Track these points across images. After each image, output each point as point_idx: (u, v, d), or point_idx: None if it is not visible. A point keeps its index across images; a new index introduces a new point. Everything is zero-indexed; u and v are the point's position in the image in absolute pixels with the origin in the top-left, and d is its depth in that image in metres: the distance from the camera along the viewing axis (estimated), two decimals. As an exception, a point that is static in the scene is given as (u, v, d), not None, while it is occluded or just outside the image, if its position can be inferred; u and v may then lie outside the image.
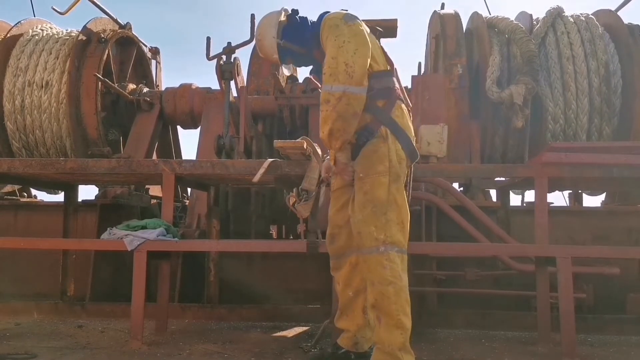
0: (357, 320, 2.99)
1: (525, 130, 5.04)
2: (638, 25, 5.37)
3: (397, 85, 2.94)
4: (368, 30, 2.90)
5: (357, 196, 2.78)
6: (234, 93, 5.24)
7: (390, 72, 2.93)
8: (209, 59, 4.92)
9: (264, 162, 3.55)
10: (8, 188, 5.74)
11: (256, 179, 3.50)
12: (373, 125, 2.81)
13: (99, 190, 5.32)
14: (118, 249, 3.53)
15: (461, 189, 5.07)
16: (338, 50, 2.73)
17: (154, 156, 6.03)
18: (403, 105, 2.92)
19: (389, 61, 2.96)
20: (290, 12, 3.10)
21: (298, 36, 3.04)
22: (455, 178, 4.62)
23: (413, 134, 2.94)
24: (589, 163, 3.59)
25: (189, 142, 13.67)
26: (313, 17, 3.08)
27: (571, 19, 5.36)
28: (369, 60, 2.78)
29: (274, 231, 5.76)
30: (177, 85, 6.11)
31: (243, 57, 8.53)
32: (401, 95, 2.94)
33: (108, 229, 3.70)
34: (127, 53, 6.30)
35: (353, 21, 2.83)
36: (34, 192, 6.24)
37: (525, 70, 4.95)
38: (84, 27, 5.70)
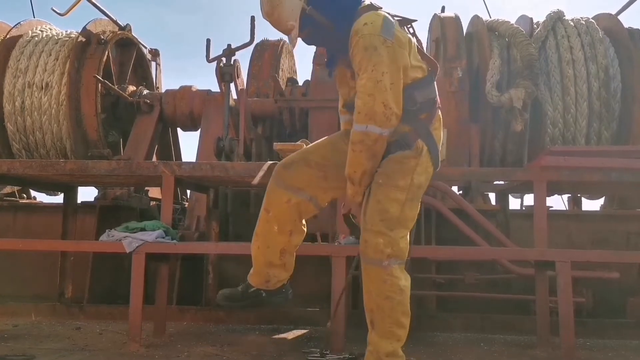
0: (270, 256, 2.87)
1: (524, 134, 5.03)
2: (638, 29, 5.37)
3: (436, 89, 2.78)
4: (405, 35, 2.70)
5: (370, 200, 2.66)
6: (234, 95, 5.24)
7: (432, 75, 2.75)
8: (209, 61, 4.92)
9: (263, 165, 3.55)
10: (7, 189, 5.74)
11: (256, 181, 3.50)
12: (410, 136, 2.67)
13: (98, 191, 5.32)
14: (116, 251, 3.52)
15: (460, 192, 5.07)
16: (375, 86, 2.52)
17: (154, 158, 6.03)
18: (440, 113, 2.81)
19: (427, 60, 2.76)
20: None
21: (327, 6, 2.69)
22: (454, 181, 4.61)
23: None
24: (587, 167, 3.59)
25: (188, 144, 13.63)
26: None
27: (571, 23, 5.36)
28: (401, 85, 2.60)
29: (273, 234, 5.74)
30: (177, 87, 6.11)
31: (243, 59, 8.50)
32: (439, 101, 2.80)
33: (107, 230, 3.70)
34: (127, 55, 6.30)
35: (391, 35, 2.58)
36: (33, 193, 6.24)
37: (525, 74, 4.94)
38: (84, 28, 5.69)
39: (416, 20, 2.89)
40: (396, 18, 2.73)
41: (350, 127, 2.72)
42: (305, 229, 2.97)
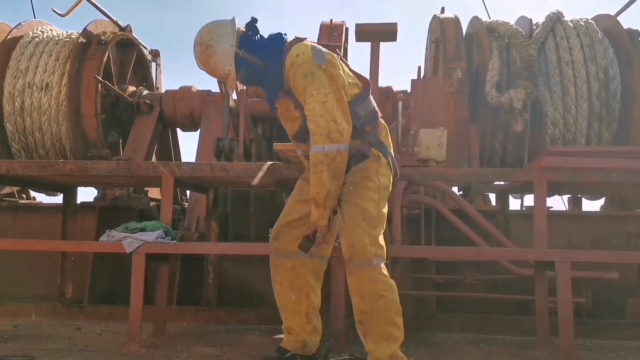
0: (300, 323, 2.97)
1: (524, 135, 5.04)
2: (637, 30, 5.38)
3: (373, 101, 2.94)
4: (335, 56, 2.83)
5: (345, 207, 2.75)
6: (234, 96, 5.24)
7: (367, 89, 2.90)
8: (209, 61, 4.91)
9: (263, 165, 3.55)
10: (7, 189, 5.74)
11: (255, 182, 3.50)
12: (364, 147, 2.81)
13: (97, 192, 5.31)
14: (116, 251, 3.52)
15: (460, 192, 5.07)
16: (323, 107, 2.67)
17: (154, 158, 6.03)
18: (383, 122, 2.95)
19: (359, 77, 2.92)
20: (250, 20, 2.91)
21: (257, 48, 2.88)
22: (454, 182, 4.62)
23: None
24: (588, 167, 3.59)
25: (188, 144, 13.62)
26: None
27: (571, 24, 5.37)
28: (346, 102, 2.75)
29: (273, 234, 5.74)
30: (177, 87, 6.12)
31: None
32: (379, 111, 2.94)
33: (107, 231, 3.70)
34: (127, 55, 6.30)
35: (323, 59, 2.74)
36: (32, 193, 6.24)
37: (525, 74, 4.95)
38: (84, 29, 5.70)
39: (340, 46, 3.06)
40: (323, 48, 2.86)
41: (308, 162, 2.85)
42: (319, 291, 3.03)
